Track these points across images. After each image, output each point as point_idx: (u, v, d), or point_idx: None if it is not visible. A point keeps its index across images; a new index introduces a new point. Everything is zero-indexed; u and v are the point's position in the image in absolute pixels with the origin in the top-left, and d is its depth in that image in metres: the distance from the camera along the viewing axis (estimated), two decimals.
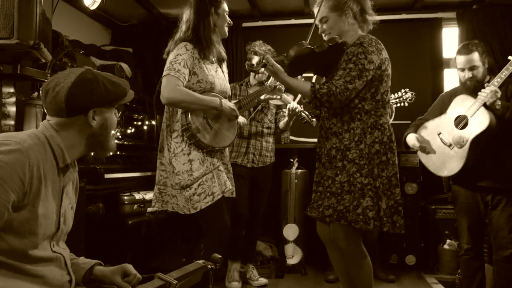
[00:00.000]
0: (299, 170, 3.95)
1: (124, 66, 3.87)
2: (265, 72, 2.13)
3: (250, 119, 3.37)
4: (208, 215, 2.26)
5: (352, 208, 2.07)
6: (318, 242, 2.49)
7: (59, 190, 1.38)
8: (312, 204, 2.28)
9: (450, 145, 2.73)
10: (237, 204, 3.20)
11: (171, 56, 2.28)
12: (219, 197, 2.25)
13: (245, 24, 4.56)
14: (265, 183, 3.49)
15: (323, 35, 2.28)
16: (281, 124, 3.41)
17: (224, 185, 2.32)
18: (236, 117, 2.42)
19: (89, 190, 2.74)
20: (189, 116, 2.26)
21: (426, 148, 2.81)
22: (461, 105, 2.74)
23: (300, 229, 3.72)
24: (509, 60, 2.62)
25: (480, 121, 2.61)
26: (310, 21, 2.42)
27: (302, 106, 3.12)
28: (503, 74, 2.62)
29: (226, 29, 2.44)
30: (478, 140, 2.63)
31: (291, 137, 4.25)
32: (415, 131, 2.91)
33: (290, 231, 3.72)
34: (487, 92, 2.57)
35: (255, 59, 2.16)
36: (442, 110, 2.90)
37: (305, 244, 3.82)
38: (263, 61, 2.08)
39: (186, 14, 2.38)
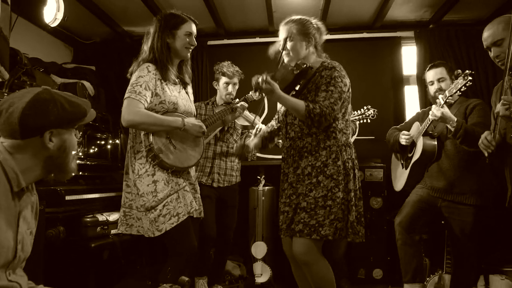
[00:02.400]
0: (266, 187, 3.95)
1: (87, 84, 3.80)
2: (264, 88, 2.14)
3: (215, 139, 3.36)
4: (174, 237, 2.22)
5: (329, 222, 2.12)
6: (287, 259, 2.48)
7: (15, 215, 1.31)
8: (282, 226, 2.30)
9: (402, 165, 3.21)
10: (204, 225, 3.16)
11: (133, 78, 2.25)
12: (185, 217, 2.21)
13: (210, 42, 4.58)
14: (232, 201, 3.46)
15: (284, 52, 2.36)
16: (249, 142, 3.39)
17: (190, 206, 2.28)
18: (204, 133, 2.39)
19: (49, 213, 2.62)
20: (151, 137, 2.23)
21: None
22: (414, 130, 3.08)
23: (268, 247, 3.70)
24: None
25: (417, 150, 2.98)
26: (275, 39, 2.48)
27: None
28: (448, 92, 2.76)
29: (188, 50, 2.40)
30: (417, 165, 3.00)
31: (258, 154, 4.25)
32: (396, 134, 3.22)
33: (258, 249, 3.69)
34: (425, 123, 2.87)
35: (256, 78, 2.17)
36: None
37: (273, 262, 3.80)
38: (266, 79, 2.11)
39: (149, 34, 2.37)
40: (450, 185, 2.86)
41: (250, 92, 3.03)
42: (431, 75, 3.04)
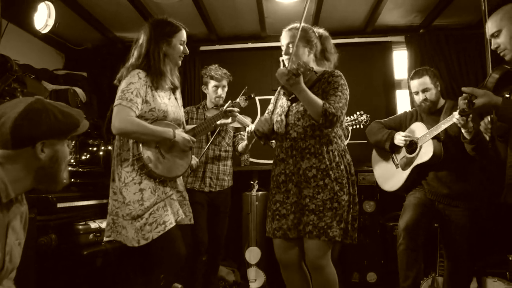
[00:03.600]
0: (260, 192, 3.95)
1: (78, 90, 3.78)
2: (293, 79, 2.12)
3: (208, 143, 3.35)
4: (160, 245, 2.18)
5: (336, 223, 2.17)
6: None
7: (3, 226, 1.29)
8: (291, 226, 2.26)
9: (397, 165, 3.04)
10: (196, 231, 3.15)
11: (123, 84, 2.22)
12: (171, 226, 2.18)
13: (202, 48, 4.59)
14: (224, 207, 3.44)
15: (285, 57, 2.41)
16: (240, 147, 3.39)
17: (176, 214, 2.25)
18: (190, 148, 2.38)
19: (40, 221, 2.61)
20: (140, 146, 2.20)
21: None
22: (418, 131, 2.97)
23: (262, 252, 3.70)
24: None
25: (425, 152, 2.87)
26: (267, 44, 2.50)
27: None
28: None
29: (181, 58, 2.41)
30: (420, 168, 2.91)
31: (251, 159, 4.26)
32: (382, 130, 3.16)
33: (252, 254, 3.69)
34: (438, 127, 2.79)
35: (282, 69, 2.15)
36: (401, 124, 3.16)
37: (267, 267, 3.79)
38: (301, 69, 2.10)
39: (140, 40, 2.34)
40: (446, 188, 2.87)
41: (238, 99, 3.05)
42: (415, 85, 3.02)
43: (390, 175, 3.13)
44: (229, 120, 2.84)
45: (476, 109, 1.92)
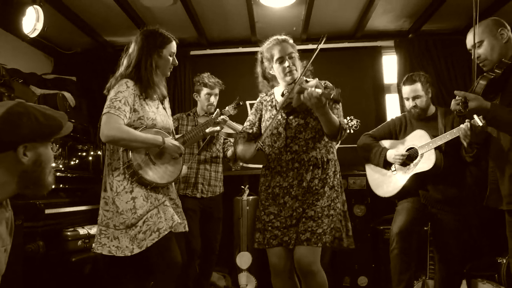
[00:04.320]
0: (251, 197, 3.94)
1: (67, 95, 3.75)
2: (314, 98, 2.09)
3: (198, 149, 3.34)
4: (155, 252, 2.17)
5: (330, 230, 2.23)
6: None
7: None
8: (292, 236, 2.26)
9: (394, 171, 2.94)
10: (188, 238, 3.14)
11: (111, 93, 2.22)
12: (166, 232, 2.16)
13: (192, 52, 4.58)
14: (217, 212, 3.45)
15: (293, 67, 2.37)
16: (229, 152, 3.37)
17: (171, 220, 2.23)
18: (180, 154, 2.37)
19: (27, 228, 2.57)
20: (130, 153, 2.20)
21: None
22: (418, 139, 2.96)
23: (253, 257, 3.68)
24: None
25: (425, 162, 2.86)
26: (257, 49, 2.48)
27: None
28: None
29: (170, 69, 2.41)
30: (420, 176, 2.89)
31: (241, 164, 4.24)
32: (373, 146, 3.13)
33: (243, 259, 3.67)
34: (443, 137, 2.79)
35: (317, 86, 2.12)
36: (391, 132, 3.16)
37: (259, 272, 3.78)
38: (332, 92, 2.05)
39: (131, 49, 2.34)
40: (440, 193, 2.87)
41: (227, 107, 3.09)
42: (406, 91, 3.03)
43: (385, 181, 3.09)
44: (218, 128, 2.85)
45: (471, 111, 2.02)
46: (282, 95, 2.36)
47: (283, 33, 2.45)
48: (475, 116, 2.48)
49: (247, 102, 4.25)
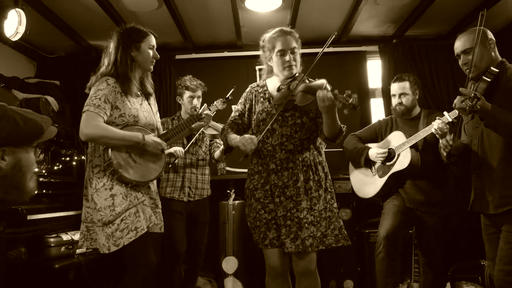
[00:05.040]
0: (237, 201, 3.93)
1: (50, 99, 3.70)
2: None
3: (184, 152, 3.32)
4: (132, 252, 2.15)
5: (330, 232, 2.23)
6: (258, 274, 2.47)
7: None
8: (285, 240, 2.21)
9: (373, 172, 3.02)
10: (175, 241, 3.12)
11: (91, 91, 2.23)
12: (143, 232, 2.15)
13: (178, 57, 4.56)
14: (204, 216, 3.42)
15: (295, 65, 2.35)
16: (216, 154, 3.37)
17: (149, 220, 2.22)
18: (162, 151, 2.35)
19: (9, 234, 2.53)
20: (110, 151, 2.19)
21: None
22: (396, 140, 3.02)
23: (239, 261, 3.67)
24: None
25: (402, 161, 2.92)
26: (243, 53, 2.50)
27: None
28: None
29: (152, 64, 2.40)
30: (397, 175, 2.94)
31: (227, 168, 4.23)
32: (357, 145, 3.19)
33: (229, 264, 3.66)
34: (417, 136, 2.85)
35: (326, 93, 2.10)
36: (377, 133, 3.22)
37: (245, 277, 3.76)
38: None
39: (109, 48, 2.35)
40: (423, 195, 2.91)
41: (215, 102, 3.02)
42: (394, 88, 3.11)
43: (366, 182, 3.16)
44: (203, 123, 2.80)
45: (480, 107, 2.01)
46: (279, 89, 2.31)
47: (289, 26, 2.39)
48: (445, 113, 2.57)
49: (233, 107, 4.23)
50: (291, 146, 2.28)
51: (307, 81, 2.25)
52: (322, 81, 2.22)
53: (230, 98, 3.12)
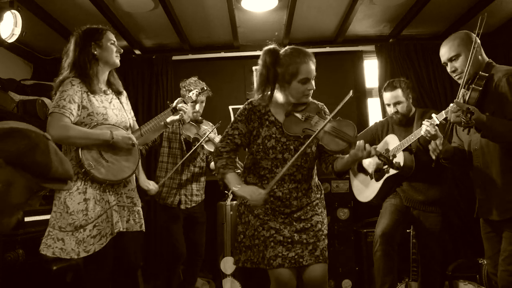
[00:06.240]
0: (234, 202, 3.92)
1: (47, 101, 3.69)
2: None
3: (182, 165, 3.31)
4: (96, 259, 2.17)
5: (325, 245, 2.24)
6: (256, 275, 2.46)
7: None
8: (304, 253, 2.13)
9: (370, 175, 3.05)
10: (175, 243, 3.15)
11: (57, 94, 2.23)
12: (111, 237, 2.18)
13: (175, 57, 4.55)
14: (201, 217, 3.47)
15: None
16: (212, 165, 3.35)
17: (115, 226, 2.21)
18: (133, 145, 2.32)
19: (6, 236, 2.52)
20: (80, 152, 2.18)
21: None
22: (390, 143, 3.04)
23: None
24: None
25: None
26: (239, 54, 2.48)
27: None
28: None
29: (117, 58, 2.38)
30: (392, 178, 2.98)
31: None
32: None
33: (227, 264, 3.65)
34: (409, 139, 2.86)
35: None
36: (373, 137, 3.22)
37: (243, 278, 3.76)
38: None
39: (68, 50, 2.36)
40: (422, 195, 2.93)
41: (190, 93, 2.87)
42: (387, 97, 3.08)
43: (364, 186, 3.21)
44: (178, 117, 2.67)
45: (475, 121, 1.99)
46: (288, 114, 2.19)
47: (273, 40, 2.29)
48: (433, 115, 2.57)
49: (230, 107, 4.25)
50: (299, 176, 2.20)
51: (334, 122, 2.15)
52: (352, 128, 2.13)
53: (206, 88, 3.10)
